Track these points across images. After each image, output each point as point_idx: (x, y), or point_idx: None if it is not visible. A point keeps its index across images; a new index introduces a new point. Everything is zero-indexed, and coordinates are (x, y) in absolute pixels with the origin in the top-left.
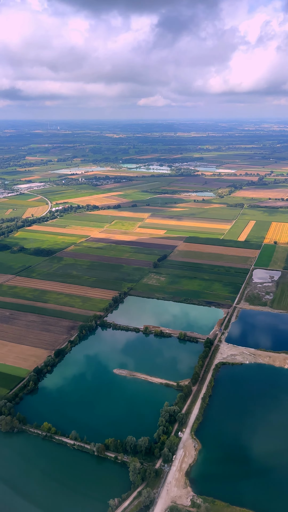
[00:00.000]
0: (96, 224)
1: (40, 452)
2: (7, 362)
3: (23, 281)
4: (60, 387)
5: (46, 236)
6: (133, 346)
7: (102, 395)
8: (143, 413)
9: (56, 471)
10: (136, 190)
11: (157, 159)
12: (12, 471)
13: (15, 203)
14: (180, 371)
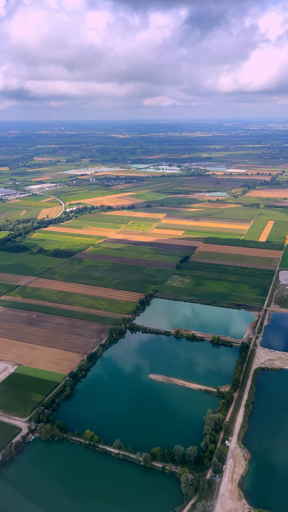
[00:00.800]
0: (112, 225)
1: (85, 461)
2: (39, 366)
3: (46, 283)
4: (96, 392)
5: (63, 237)
6: (165, 350)
7: (141, 401)
8: (185, 421)
9: (103, 482)
10: (148, 191)
11: (166, 159)
12: (57, 482)
13: (29, 204)
14: (218, 377)
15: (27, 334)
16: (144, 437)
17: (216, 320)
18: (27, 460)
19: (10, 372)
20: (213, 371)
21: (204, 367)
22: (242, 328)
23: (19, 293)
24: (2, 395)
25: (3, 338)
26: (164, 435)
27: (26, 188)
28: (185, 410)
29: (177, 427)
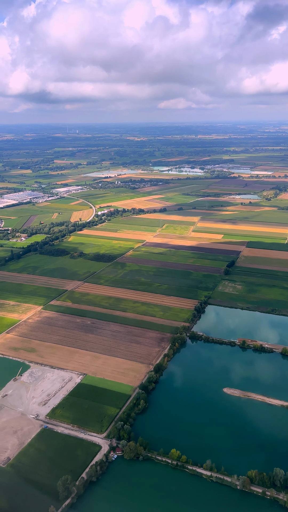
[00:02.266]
0: (147, 228)
1: (175, 483)
2: (105, 376)
3: (93, 288)
4: (170, 406)
5: (101, 241)
6: (234, 362)
7: (221, 417)
8: (274, 440)
9: (197, 507)
10: (176, 193)
11: (187, 161)
12: (147, 505)
13: (59, 207)
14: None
15: (86, 342)
16: (235, 457)
17: (281, 330)
18: (113, 480)
19: (76, 382)
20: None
21: (281, 381)
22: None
23: (68, 298)
24: (74, 408)
25: (62, 345)
26: (256, 456)
27: (53, 191)
28: (271, 428)
29: (268, 447)
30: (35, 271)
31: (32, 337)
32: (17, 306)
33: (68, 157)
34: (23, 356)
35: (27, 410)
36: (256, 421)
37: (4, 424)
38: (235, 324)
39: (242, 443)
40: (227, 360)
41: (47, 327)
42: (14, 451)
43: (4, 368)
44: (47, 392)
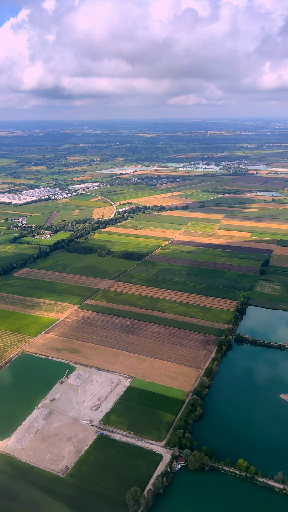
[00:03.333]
0: (171, 225)
1: (246, 496)
2: (155, 380)
3: (126, 287)
4: (227, 413)
5: (126, 239)
6: (286, 366)
7: (283, 425)
8: None
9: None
10: (196, 190)
11: (200, 158)
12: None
13: (78, 203)
14: None
15: (128, 343)
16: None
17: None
18: (180, 492)
19: (125, 385)
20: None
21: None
22: None
23: (103, 297)
24: (128, 414)
25: (105, 346)
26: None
27: (70, 187)
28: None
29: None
30: (65, 269)
31: (73, 337)
32: (53, 305)
33: (80, 154)
34: (67, 357)
35: (79, 415)
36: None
37: (57, 430)
38: (280, 326)
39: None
40: (279, 364)
41: (87, 327)
42: (72, 459)
43: (49, 370)
44: (97, 396)
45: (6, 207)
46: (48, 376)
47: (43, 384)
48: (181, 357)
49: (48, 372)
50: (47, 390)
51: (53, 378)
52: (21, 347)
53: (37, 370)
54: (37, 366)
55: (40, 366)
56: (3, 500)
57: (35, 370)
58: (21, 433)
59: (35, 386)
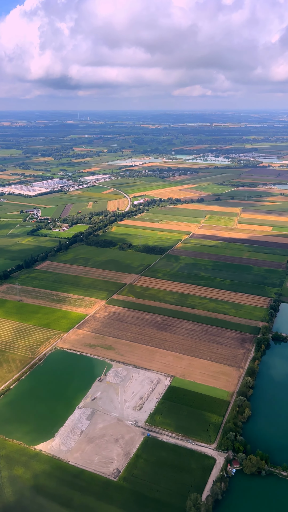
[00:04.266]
0: (189, 219)
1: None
2: (196, 379)
3: (152, 282)
4: (275, 414)
5: (145, 232)
6: None
7: None
8: None
9: None
10: (209, 183)
11: (209, 150)
12: None
13: (91, 195)
14: None
15: (163, 340)
16: None
17: None
18: (239, 498)
19: (166, 385)
20: None
21: None
22: None
23: (130, 293)
24: (173, 415)
25: (139, 343)
26: None
27: (81, 179)
28: None
29: None
30: (87, 262)
31: (105, 334)
32: (80, 299)
33: (87, 145)
34: (102, 353)
35: (122, 415)
36: None
37: (102, 431)
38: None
39: None
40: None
41: (118, 323)
42: (122, 462)
43: (85, 367)
44: (139, 395)
45: (19, 199)
46: (85, 373)
47: (81, 382)
48: (219, 355)
49: (85, 369)
50: (86, 388)
51: (90, 376)
52: (54, 343)
53: (73, 367)
54: (73, 363)
55: (76, 362)
56: (56, 506)
57: (71, 366)
58: (66, 434)
59: (74, 384)
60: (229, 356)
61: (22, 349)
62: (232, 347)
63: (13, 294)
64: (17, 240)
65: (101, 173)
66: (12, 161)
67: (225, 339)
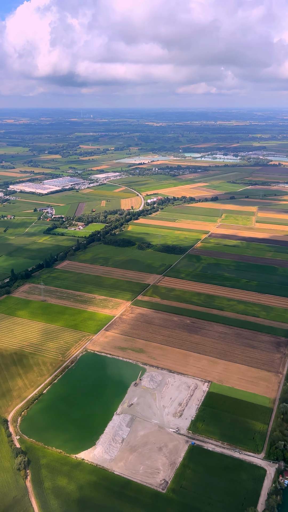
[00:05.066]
0: (205, 218)
1: None
2: (234, 385)
3: (176, 283)
4: None
5: (162, 231)
6: None
7: None
8: None
9: None
10: (221, 181)
11: (216, 148)
12: None
13: (103, 194)
14: None
15: (194, 344)
16: None
17: None
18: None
19: (204, 390)
20: None
21: None
22: None
23: (155, 293)
24: (215, 422)
25: (170, 346)
26: None
27: (92, 177)
28: None
29: None
30: (107, 262)
31: (134, 336)
32: (105, 300)
33: (92, 142)
34: (134, 357)
35: (163, 422)
36: None
37: (144, 439)
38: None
39: None
40: None
41: (146, 326)
42: (168, 472)
43: (119, 370)
44: (177, 401)
45: (31, 197)
46: (119, 377)
47: (116, 386)
48: (256, 360)
49: (118, 373)
50: (122, 393)
51: (125, 380)
52: (84, 345)
53: (105, 370)
54: (105, 366)
55: (108, 366)
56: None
57: (103, 370)
58: (107, 442)
59: (108, 388)
60: (266, 360)
61: (52, 351)
62: (267, 351)
63: (36, 294)
64: (34, 239)
65: (111, 171)
66: (20, 158)
67: (259, 343)
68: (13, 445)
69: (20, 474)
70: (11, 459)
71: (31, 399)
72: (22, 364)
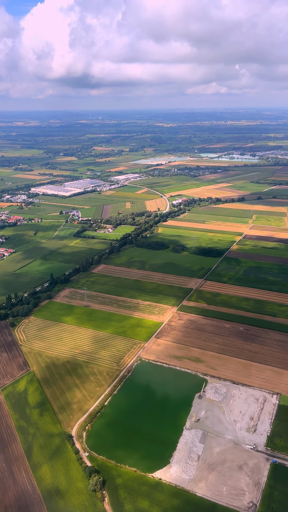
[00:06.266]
0: (235, 219)
1: None
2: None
3: (220, 287)
4: None
5: (194, 233)
6: None
7: None
8: None
9: None
10: (245, 181)
11: (232, 148)
12: None
13: (126, 195)
14: None
15: (253, 353)
16: None
17: None
18: None
19: (274, 403)
20: None
21: None
22: None
23: (200, 299)
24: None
25: (228, 355)
26: None
27: (111, 179)
28: None
29: None
30: (144, 266)
31: (188, 344)
32: (149, 306)
33: (106, 144)
34: (191, 367)
35: (237, 438)
36: None
37: (221, 456)
38: None
39: None
40: None
41: (198, 333)
42: (254, 494)
43: (179, 381)
44: (248, 415)
45: (54, 199)
46: (181, 389)
47: (179, 398)
48: None
49: (179, 384)
50: (187, 406)
51: (187, 391)
52: (137, 353)
53: (164, 380)
54: (163, 376)
55: (166, 376)
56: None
57: (162, 380)
58: (183, 460)
59: (172, 401)
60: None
61: (106, 360)
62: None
63: (78, 299)
64: (66, 242)
65: (129, 172)
66: (36, 161)
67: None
68: (83, 463)
69: (96, 495)
70: (84, 479)
71: (93, 412)
72: (77, 374)
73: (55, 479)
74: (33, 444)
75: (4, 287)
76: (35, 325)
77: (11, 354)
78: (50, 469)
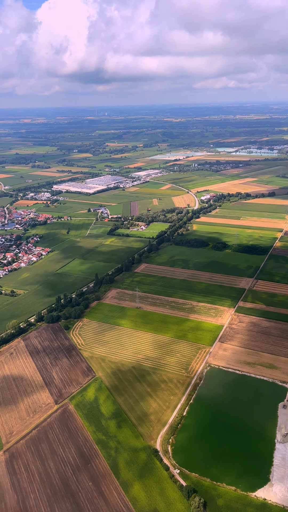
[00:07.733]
0: (270, 214)
1: None
2: None
3: (274, 287)
4: None
5: (232, 230)
6: None
7: None
8: None
9: None
10: (270, 176)
11: (248, 142)
12: None
13: (151, 191)
14: None
15: None
16: None
17: None
18: None
19: None
20: None
21: None
22: None
23: (256, 299)
24: None
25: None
26: None
27: (132, 175)
28: None
29: None
30: (188, 265)
31: (256, 349)
32: (204, 307)
33: (118, 140)
34: (267, 374)
35: None
36: None
37: None
38: None
39: None
40: None
41: (264, 336)
42: None
43: (256, 389)
44: None
45: (78, 197)
46: (261, 398)
47: (262, 409)
48: None
49: (257, 393)
50: (272, 417)
51: (268, 401)
52: (204, 359)
53: (240, 389)
54: (238, 384)
55: (241, 384)
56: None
57: (238, 389)
58: (286, 478)
59: (254, 411)
60: None
61: (173, 366)
62: None
63: (127, 301)
64: (101, 240)
65: (149, 168)
66: (51, 158)
67: None
68: (177, 481)
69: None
70: (183, 500)
71: (174, 424)
72: (147, 381)
73: (151, 500)
74: (117, 459)
75: (49, 288)
76: (91, 328)
77: (72, 360)
78: (143, 488)
